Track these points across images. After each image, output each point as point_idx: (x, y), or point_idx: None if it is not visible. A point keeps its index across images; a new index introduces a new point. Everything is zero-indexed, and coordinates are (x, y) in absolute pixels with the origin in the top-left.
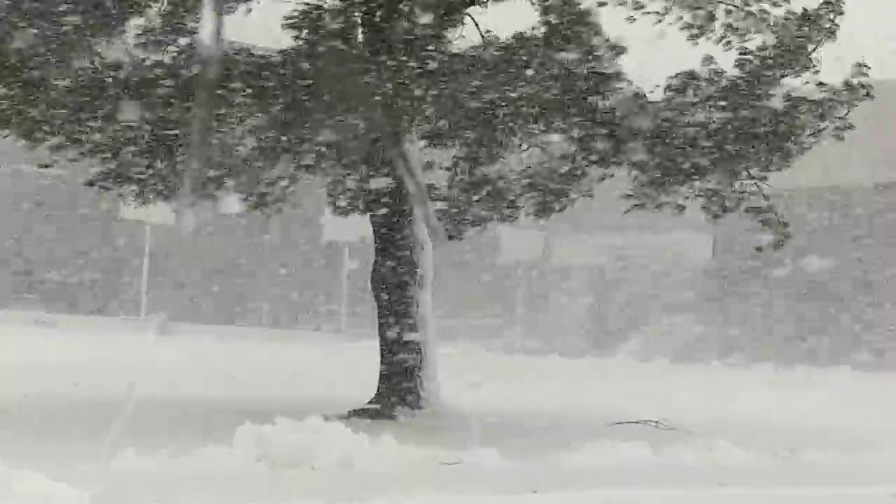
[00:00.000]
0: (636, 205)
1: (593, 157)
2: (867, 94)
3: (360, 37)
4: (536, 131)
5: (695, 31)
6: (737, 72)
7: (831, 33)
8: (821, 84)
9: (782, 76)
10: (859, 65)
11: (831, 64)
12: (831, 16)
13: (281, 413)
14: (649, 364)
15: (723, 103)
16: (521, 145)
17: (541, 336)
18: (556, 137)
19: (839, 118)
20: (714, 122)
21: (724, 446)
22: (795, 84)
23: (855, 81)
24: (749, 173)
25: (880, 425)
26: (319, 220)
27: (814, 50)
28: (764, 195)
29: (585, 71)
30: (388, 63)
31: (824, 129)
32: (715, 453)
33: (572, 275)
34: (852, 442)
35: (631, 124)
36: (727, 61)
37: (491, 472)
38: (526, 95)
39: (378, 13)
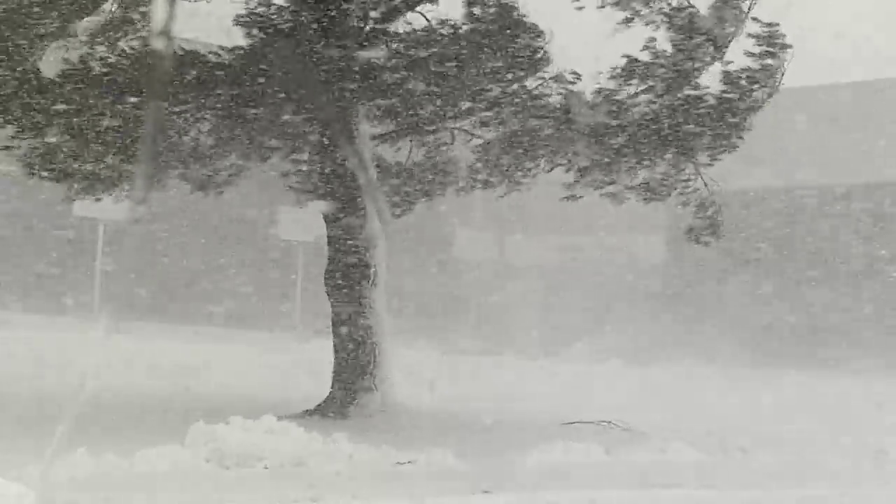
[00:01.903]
0: (572, 195)
1: (538, 150)
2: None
3: (311, 33)
4: (469, 126)
5: (629, 14)
6: (675, 53)
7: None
8: (750, 54)
9: (715, 55)
10: (781, 44)
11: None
12: None
13: (234, 412)
14: (603, 364)
15: (663, 85)
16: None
17: (494, 336)
18: (490, 134)
19: (769, 89)
20: (657, 103)
21: (678, 446)
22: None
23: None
24: (694, 162)
25: (834, 427)
26: (274, 219)
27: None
28: (704, 181)
29: (510, 60)
30: (338, 58)
31: (758, 98)
32: (668, 453)
33: (525, 275)
34: (804, 443)
35: (572, 115)
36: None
37: (444, 471)
38: (459, 88)
39: (328, 10)
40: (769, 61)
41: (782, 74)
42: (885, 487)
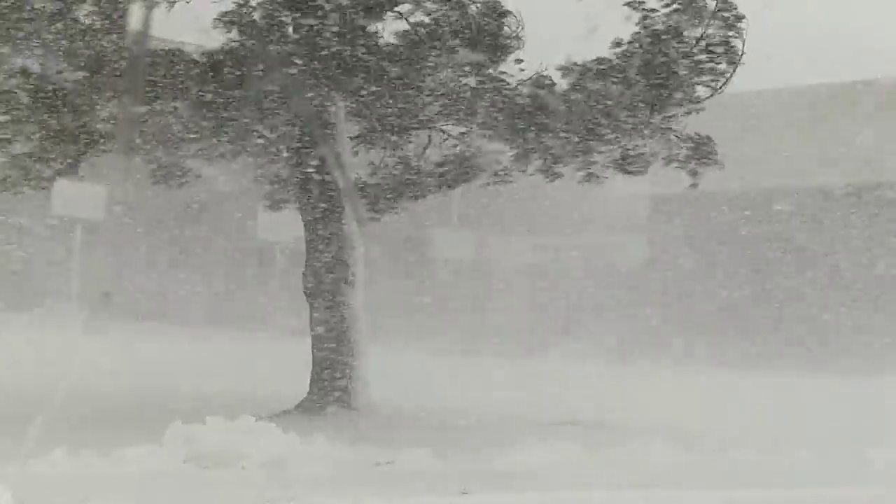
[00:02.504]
0: (555, 174)
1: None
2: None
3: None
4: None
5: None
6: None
7: None
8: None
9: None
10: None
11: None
12: None
13: (212, 412)
14: (583, 364)
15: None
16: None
17: (474, 336)
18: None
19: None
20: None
21: (658, 446)
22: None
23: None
24: (660, 119)
25: (812, 426)
26: (253, 219)
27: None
28: (678, 137)
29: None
30: (316, 57)
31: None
32: (648, 453)
33: (507, 275)
34: (782, 443)
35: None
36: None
37: (423, 472)
38: (435, 87)
39: (306, 10)
40: (729, 33)
41: (743, 42)
42: (862, 488)
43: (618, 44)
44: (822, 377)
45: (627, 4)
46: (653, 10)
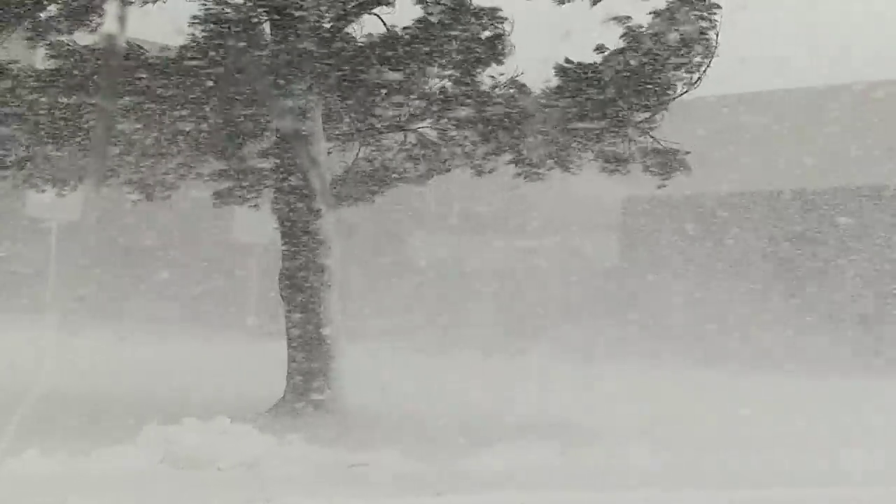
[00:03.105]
0: (535, 173)
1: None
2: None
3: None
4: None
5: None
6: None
7: None
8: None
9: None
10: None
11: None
12: None
13: (188, 413)
14: (558, 365)
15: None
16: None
17: (449, 337)
18: (430, 130)
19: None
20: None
21: (634, 447)
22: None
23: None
24: (635, 125)
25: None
26: (229, 220)
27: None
28: (655, 139)
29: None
30: (293, 57)
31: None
32: (624, 455)
33: (481, 276)
34: (759, 442)
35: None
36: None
37: (398, 473)
38: (406, 86)
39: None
40: (702, 24)
41: (717, 35)
42: (831, 488)
43: (600, 49)
44: (797, 378)
45: (614, 19)
46: (638, 27)
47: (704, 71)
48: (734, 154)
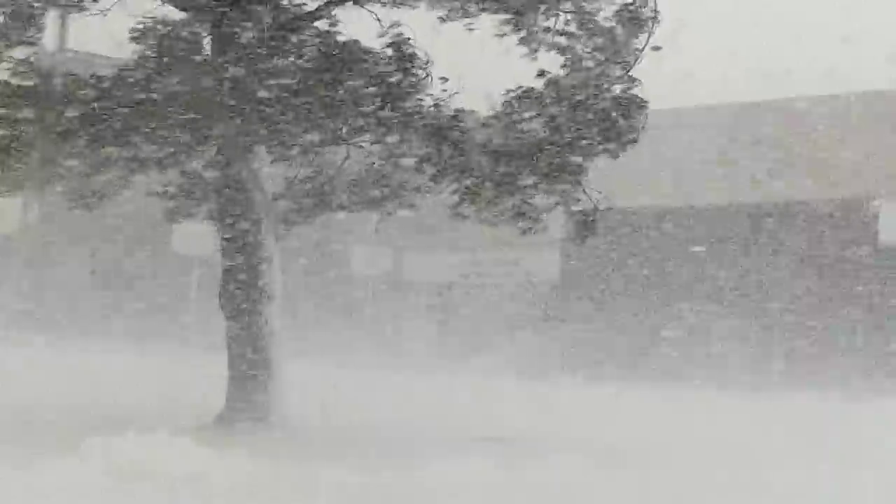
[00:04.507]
0: (459, 213)
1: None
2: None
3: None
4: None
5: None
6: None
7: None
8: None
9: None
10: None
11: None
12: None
13: (129, 425)
14: (498, 380)
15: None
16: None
17: (390, 351)
18: (375, 147)
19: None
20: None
21: (573, 460)
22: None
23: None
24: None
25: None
26: (169, 233)
27: (640, 50)
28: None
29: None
30: (233, 71)
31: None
32: (565, 469)
33: (422, 291)
34: (699, 456)
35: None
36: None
37: (339, 487)
38: (345, 101)
39: (223, 24)
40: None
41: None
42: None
43: (541, 74)
44: (734, 391)
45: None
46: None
47: (643, 125)
48: (676, 169)
